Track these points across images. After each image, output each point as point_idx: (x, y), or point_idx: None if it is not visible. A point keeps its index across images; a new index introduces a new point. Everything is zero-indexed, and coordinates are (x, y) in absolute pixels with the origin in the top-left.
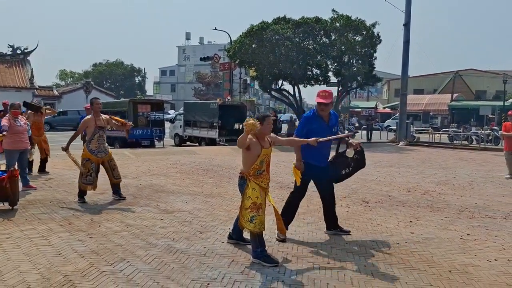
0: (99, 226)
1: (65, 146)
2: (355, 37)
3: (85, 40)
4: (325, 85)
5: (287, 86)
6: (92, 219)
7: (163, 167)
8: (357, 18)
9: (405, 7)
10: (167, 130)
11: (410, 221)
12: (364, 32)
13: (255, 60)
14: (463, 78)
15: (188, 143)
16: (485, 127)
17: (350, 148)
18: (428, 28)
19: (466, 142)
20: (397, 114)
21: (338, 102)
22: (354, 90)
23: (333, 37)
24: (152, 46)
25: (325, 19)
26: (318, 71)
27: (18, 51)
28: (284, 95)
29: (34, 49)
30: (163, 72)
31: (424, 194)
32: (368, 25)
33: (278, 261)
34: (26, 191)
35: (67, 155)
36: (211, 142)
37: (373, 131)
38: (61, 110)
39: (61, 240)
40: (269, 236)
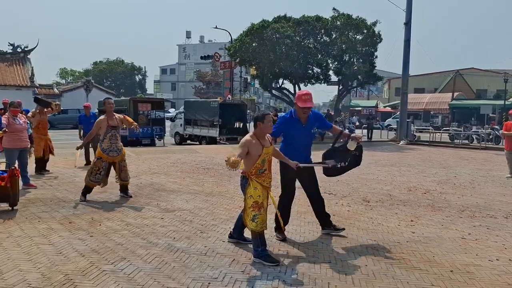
0: (100, 225)
1: (80, 146)
2: (356, 35)
3: (85, 39)
4: (325, 84)
5: (287, 85)
6: (92, 218)
7: (164, 165)
8: (358, 16)
9: (406, 6)
10: (167, 129)
11: (411, 221)
12: (365, 31)
13: (255, 58)
14: (464, 77)
15: (188, 141)
16: (486, 126)
17: (353, 140)
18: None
19: (466, 141)
20: (398, 113)
21: (338, 101)
22: (355, 89)
23: (334, 35)
24: (153, 44)
25: (325, 18)
26: (319, 70)
27: (19, 50)
28: (284, 94)
29: (34, 48)
30: (163, 70)
31: (425, 193)
32: (369, 23)
33: (279, 261)
34: (26, 190)
35: (75, 153)
36: (211, 140)
37: (374, 130)
38: (61, 108)
39: (61, 239)
40: (270, 236)
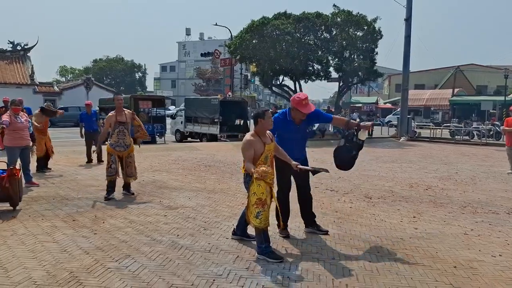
0: (103, 222)
1: (97, 148)
2: (356, 32)
3: (85, 36)
4: (326, 81)
5: (288, 82)
6: (96, 215)
7: (165, 163)
8: (358, 13)
9: (406, 2)
10: (168, 126)
11: (414, 217)
12: (365, 27)
13: (256, 55)
14: (464, 73)
15: (189, 139)
16: (486, 122)
17: (363, 130)
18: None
19: (467, 137)
20: (398, 109)
21: (339, 98)
22: (355, 86)
23: (334, 32)
24: (153, 42)
25: (326, 14)
26: (319, 67)
27: (18, 48)
28: (285, 91)
29: (34, 45)
30: (163, 68)
31: (426, 189)
32: (369, 20)
33: (283, 257)
34: (29, 188)
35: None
36: (212, 138)
37: (374, 127)
38: (62, 106)
39: (65, 237)
40: (273, 233)
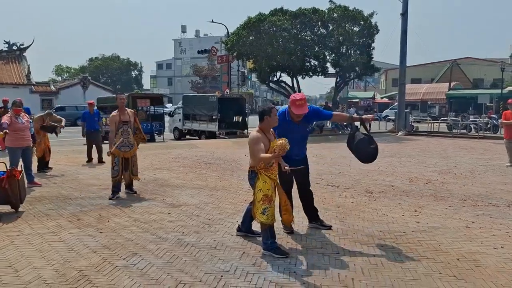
0: (108, 221)
1: (110, 151)
2: (352, 27)
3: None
4: (323, 76)
5: (285, 78)
6: (100, 214)
7: (165, 161)
8: (355, 8)
9: None
10: (166, 124)
11: (415, 211)
12: (362, 22)
13: (253, 52)
14: (461, 67)
15: (187, 136)
16: (483, 115)
17: (366, 122)
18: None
19: (465, 131)
20: (395, 104)
21: (336, 93)
22: (352, 81)
23: (331, 27)
24: (148, 39)
25: (322, 10)
26: (316, 62)
27: (14, 47)
28: (282, 87)
29: (30, 45)
30: (159, 65)
31: (426, 183)
32: (365, 15)
33: (288, 253)
34: (31, 188)
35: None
36: (211, 135)
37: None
38: (59, 105)
39: (71, 236)
40: (277, 228)
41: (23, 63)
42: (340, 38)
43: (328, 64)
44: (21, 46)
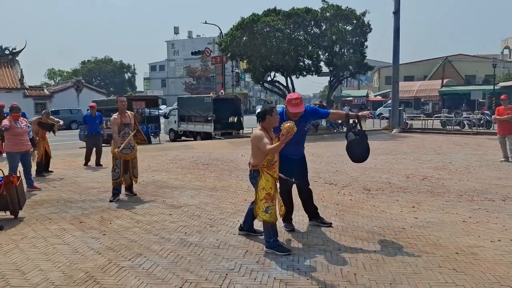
0: (110, 223)
1: (117, 150)
2: (345, 26)
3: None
4: (317, 75)
5: (279, 78)
6: (102, 216)
7: (163, 163)
8: (347, 7)
9: None
10: (162, 126)
11: (413, 207)
12: (355, 21)
13: (247, 52)
14: (453, 64)
15: (183, 138)
16: (476, 111)
17: (363, 119)
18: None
19: (458, 127)
20: (389, 102)
21: (330, 92)
22: (346, 79)
23: (324, 27)
24: (141, 41)
25: (315, 9)
26: (310, 62)
27: (7, 52)
28: (276, 87)
29: (22, 49)
30: (152, 67)
31: (423, 179)
32: (358, 14)
33: (291, 250)
34: (31, 192)
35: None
36: (206, 136)
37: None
38: (53, 109)
39: (75, 238)
40: (279, 227)
41: (16, 67)
42: (333, 37)
43: (322, 63)
44: (14, 50)
